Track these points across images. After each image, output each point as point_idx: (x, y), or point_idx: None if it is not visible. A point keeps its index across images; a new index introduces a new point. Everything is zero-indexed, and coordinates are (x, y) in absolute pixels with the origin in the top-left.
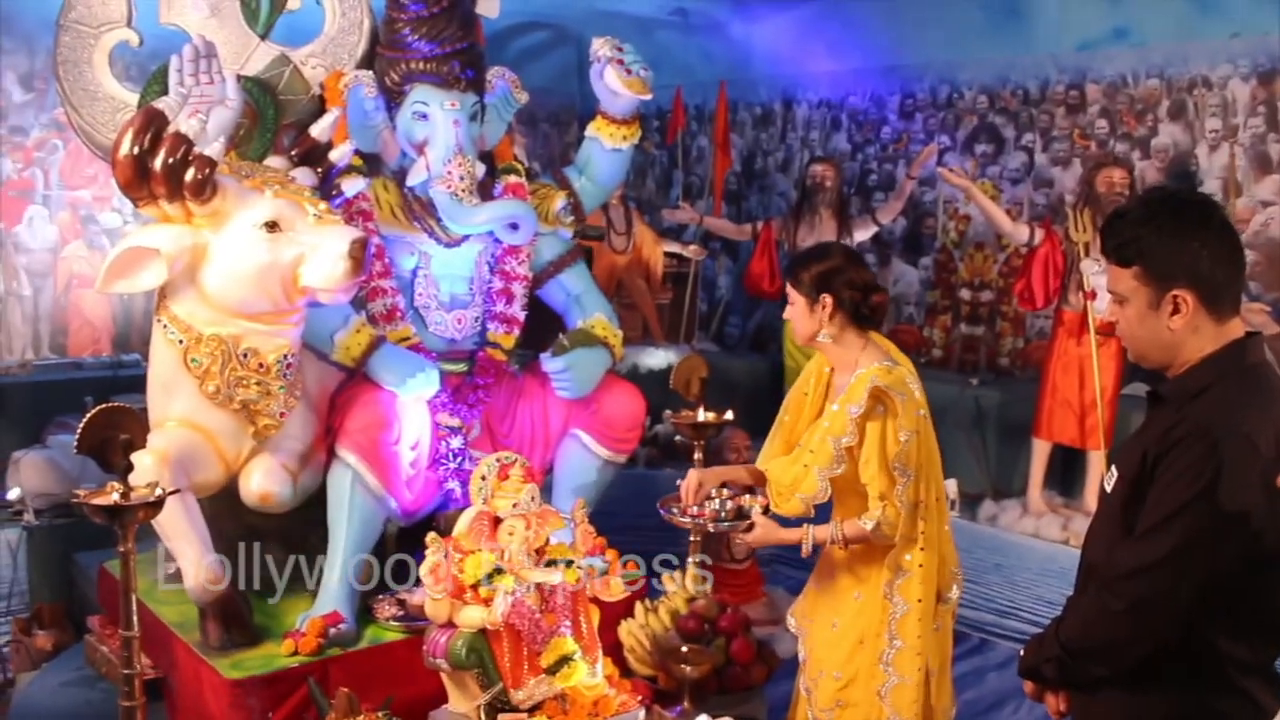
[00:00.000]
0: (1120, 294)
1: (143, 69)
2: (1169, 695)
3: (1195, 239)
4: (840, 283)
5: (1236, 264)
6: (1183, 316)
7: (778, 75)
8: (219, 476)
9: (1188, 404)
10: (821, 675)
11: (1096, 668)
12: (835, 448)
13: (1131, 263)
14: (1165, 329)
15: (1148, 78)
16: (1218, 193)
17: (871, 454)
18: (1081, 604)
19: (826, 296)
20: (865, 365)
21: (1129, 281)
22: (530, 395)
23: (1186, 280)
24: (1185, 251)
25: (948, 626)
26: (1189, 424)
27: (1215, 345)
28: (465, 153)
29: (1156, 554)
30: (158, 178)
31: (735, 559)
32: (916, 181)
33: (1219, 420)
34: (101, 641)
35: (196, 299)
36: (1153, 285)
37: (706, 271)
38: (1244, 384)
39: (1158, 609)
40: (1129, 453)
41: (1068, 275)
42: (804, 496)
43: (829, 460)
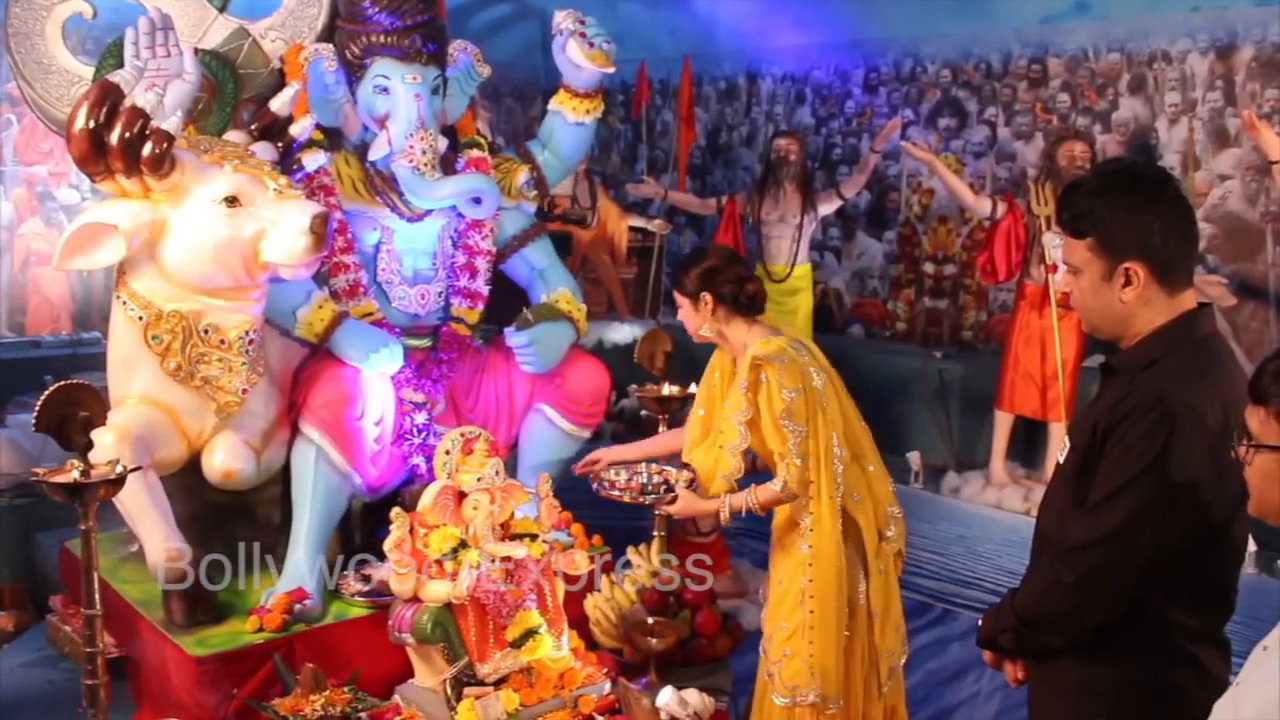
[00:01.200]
0: (1074, 265)
1: (98, 42)
2: (1121, 664)
3: (1148, 212)
4: (720, 280)
5: (1189, 238)
6: (1134, 289)
7: (742, 49)
8: (181, 454)
9: (1138, 375)
10: (776, 631)
11: (1050, 637)
12: (738, 424)
13: (1085, 234)
14: (1117, 301)
15: (1108, 52)
16: (1176, 166)
17: (765, 419)
18: (1034, 575)
19: (706, 295)
20: (751, 344)
21: (1083, 253)
22: (495, 370)
23: (1138, 253)
24: (1138, 225)
25: (890, 569)
26: (1138, 395)
27: (1167, 317)
28: (427, 127)
29: (1107, 526)
30: (114, 152)
31: (700, 532)
32: (880, 155)
33: (1168, 392)
34: (64, 621)
35: (156, 275)
36: (1105, 257)
37: (671, 246)
38: (1194, 356)
39: (1108, 580)
40: (1081, 425)
41: (1029, 249)
42: (725, 475)
43: (735, 437)
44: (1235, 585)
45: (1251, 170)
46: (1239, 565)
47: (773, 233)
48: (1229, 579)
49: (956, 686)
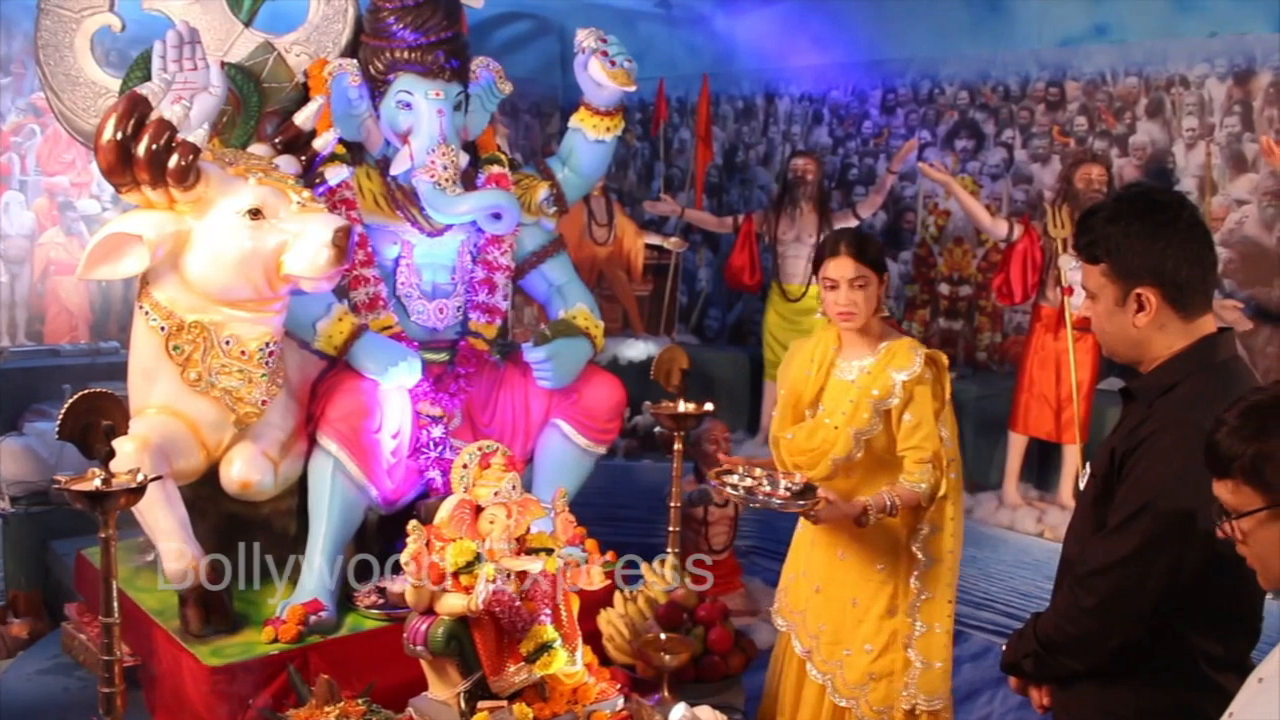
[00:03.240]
0: (1091, 290)
1: (124, 55)
2: (1142, 690)
3: (1161, 239)
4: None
5: (1204, 263)
6: (1146, 314)
7: (760, 69)
8: (200, 464)
9: (1157, 400)
10: (849, 654)
11: (1070, 662)
12: (875, 409)
13: (1099, 260)
14: (1131, 326)
15: (1126, 75)
16: (1193, 191)
17: (924, 416)
18: (1056, 600)
19: (886, 273)
20: (891, 338)
21: (1097, 278)
22: (511, 385)
23: (1150, 279)
24: (1150, 251)
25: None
26: (1156, 420)
27: (1185, 342)
28: (449, 142)
29: (1123, 550)
30: (141, 164)
31: (713, 550)
32: (897, 176)
33: (1186, 416)
34: (79, 629)
35: (179, 286)
36: (1118, 283)
37: (687, 264)
38: (1212, 380)
39: (1125, 604)
40: (1101, 451)
41: (1045, 271)
42: (836, 458)
43: (866, 422)
44: (1260, 611)
45: (1268, 195)
46: (1263, 592)
47: (789, 252)
48: (1253, 605)
49: (969, 708)
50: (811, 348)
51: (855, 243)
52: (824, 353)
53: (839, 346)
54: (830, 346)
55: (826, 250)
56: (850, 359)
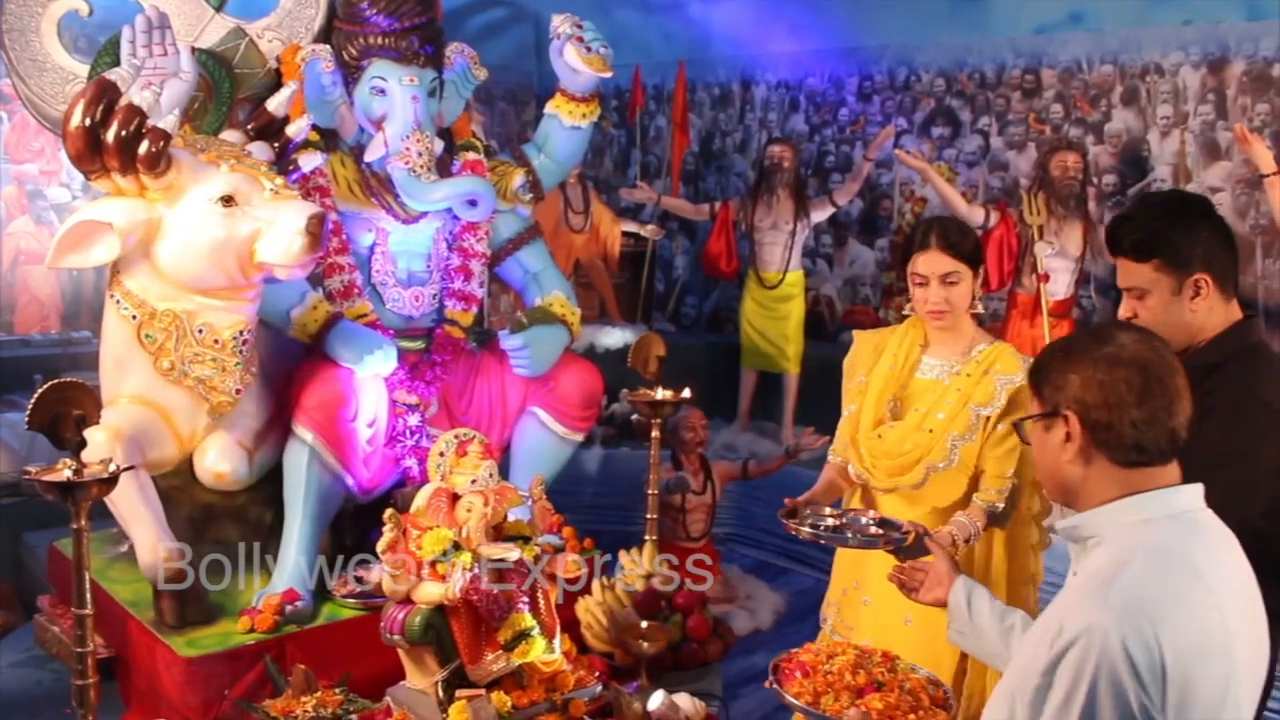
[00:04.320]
0: (1140, 287)
1: (93, 40)
2: None
3: (1203, 229)
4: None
5: (1235, 250)
6: (1204, 299)
7: (736, 56)
8: (173, 454)
9: (1207, 377)
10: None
11: None
12: (975, 416)
13: (1151, 256)
14: (1188, 312)
15: (1102, 63)
16: (1168, 179)
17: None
18: None
19: (982, 266)
20: (986, 339)
21: (1148, 274)
22: (488, 372)
23: (1202, 265)
24: (1198, 241)
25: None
26: (1224, 391)
27: (1224, 324)
28: (423, 129)
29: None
30: (110, 150)
31: (691, 537)
32: (873, 163)
33: (1250, 387)
34: (52, 621)
35: (150, 274)
36: (1173, 274)
37: (664, 251)
38: (1256, 359)
39: None
40: None
41: (1021, 258)
42: (932, 465)
43: (965, 428)
44: None
45: (1242, 183)
46: None
47: (765, 239)
48: None
49: None
50: (896, 343)
51: (947, 235)
52: (909, 350)
53: (925, 345)
54: (916, 344)
55: (916, 242)
56: (936, 358)
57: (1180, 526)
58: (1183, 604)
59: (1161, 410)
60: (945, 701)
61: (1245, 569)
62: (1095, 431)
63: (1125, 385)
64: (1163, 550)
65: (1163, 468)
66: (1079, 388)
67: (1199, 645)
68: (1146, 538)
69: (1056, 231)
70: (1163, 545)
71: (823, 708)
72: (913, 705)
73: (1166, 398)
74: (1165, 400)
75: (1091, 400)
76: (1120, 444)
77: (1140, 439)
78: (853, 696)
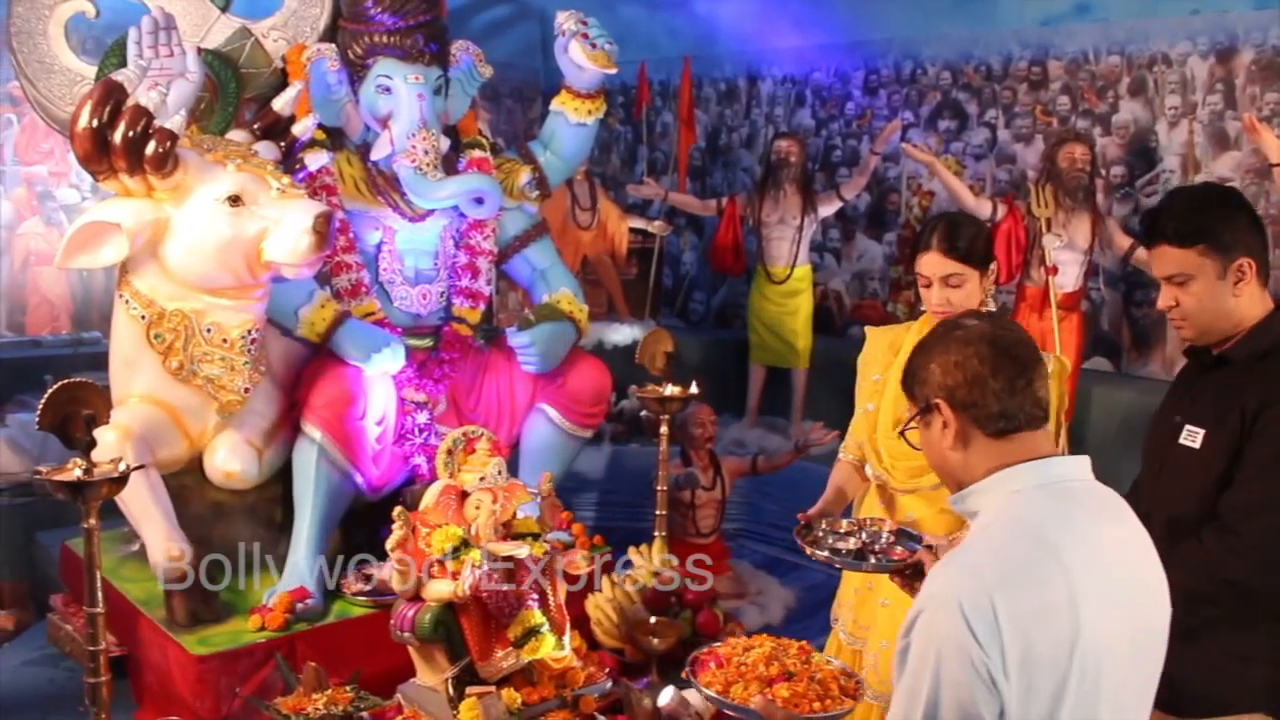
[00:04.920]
0: (1183, 274)
1: (100, 42)
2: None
3: (1241, 217)
4: (993, 246)
5: (1267, 239)
6: (1246, 283)
7: (742, 51)
8: (183, 453)
9: (1258, 365)
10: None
11: (1210, 610)
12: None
13: (1196, 242)
14: (1231, 297)
15: (1109, 54)
16: (1176, 169)
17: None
18: (1192, 551)
19: (993, 263)
20: None
21: (1193, 260)
22: (496, 370)
23: (1244, 250)
24: (1238, 228)
25: None
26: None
27: (1262, 312)
28: (429, 127)
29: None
30: (118, 151)
31: (701, 533)
32: (880, 157)
33: None
34: (65, 620)
35: (159, 274)
36: (1218, 258)
37: (671, 247)
38: None
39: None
40: (1218, 412)
41: (1029, 250)
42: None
43: None
44: None
45: (1251, 173)
46: None
47: (773, 234)
48: None
49: None
50: (911, 341)
51: (948, 236)
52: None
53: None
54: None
55: (920, 243)
56: None
57: (1045, 497)
58: (1024, 570)
59: (1017, 377)
60: (855, 691)
61: (1126, 537)
62: (965, 410)
63: (978, 360)
64: (1016, 520)
65: (1033, 433)
66: (940, 375)
67: (1038, 610)
68: (1010, 509)
69: (1064, 224)
70: (1019, 516)
71: (731, 696)
72: (820, 694)
73: (1019, 364)
74: (1018, 367)
75: (953, 382)
76: (988, 415)
77: (1004, 407)
78: (762, 686)
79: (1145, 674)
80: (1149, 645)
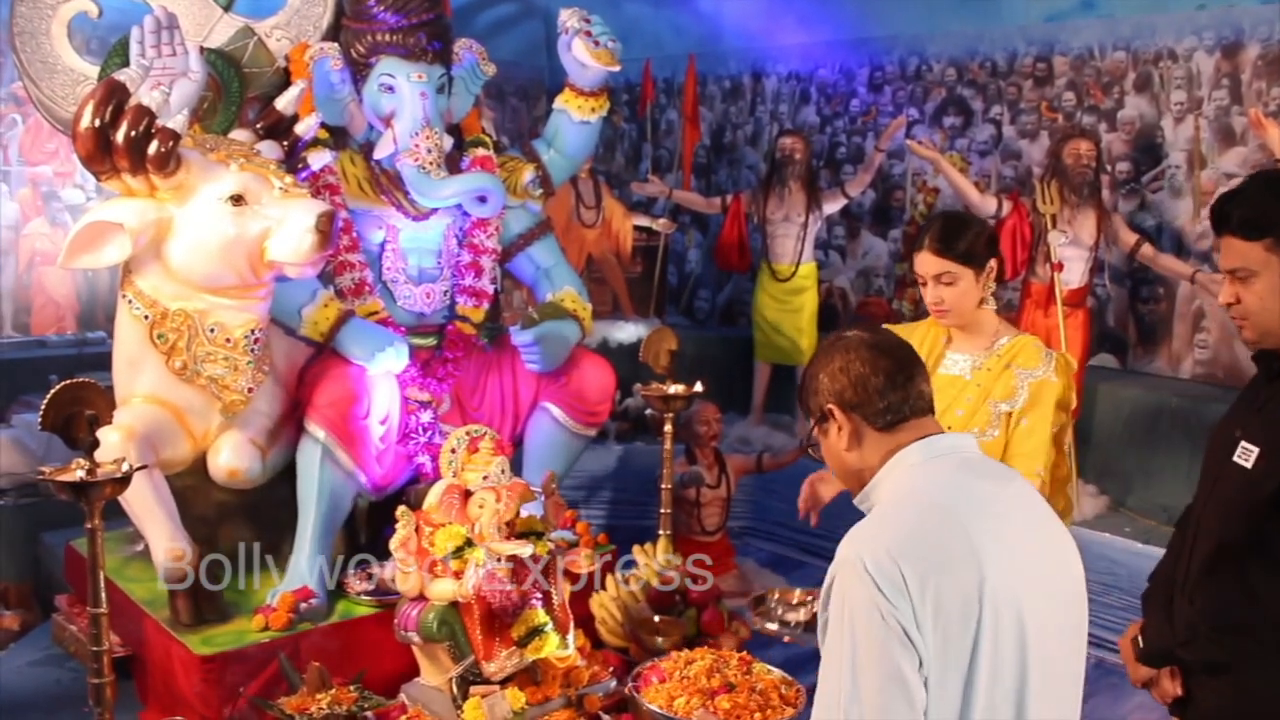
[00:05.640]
0: (1247, 268)
1: (103, 41)
2: None
3: None
4: (995, 244)
5: None
6: None
7: (747, 48)
8: (187, 453)
9: None
10: None
11: (1251, 643)
12: (995, 412)
13: (1263, 234)
14: None
15: (1114, 50)
16: (1182, 165)
17: (1040, 424)
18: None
19: (994, 261)
20: (1009, 333)
21: (1259, 254)
22: (500, 369)
23: None
24: None
25: None
26: None
27: None
28: (432, 125)
29: None
30: (120, 151)
31: (706, 531)
32: (885, 154)
33: None
34: (70, 620)
35: (162, 274)
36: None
37: (676, 245)
38: None
39: None
40: (1275, 428)
41: (1035, 247)
42: None
43: (986, 424)
44: None
45: (1257, 169)
46: None
47: (778, 232)
48: None
49: None
50: (919, 340)
51: (941, 236)
52: (933, 345)
53: (949, 339)
54: (940, 338)
55: (916, 242)
56: (960, 353)
57: (937, 466)
58: (920, 528)
59: (897, 373)
60: (796, 700)
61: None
62: (855, 410)
63: (860, 362)
64: (911, 488)
65: (921, 420)
66: (828, 382)
67: (940, 562)
68: (905, 481)
69: (1070, 220)
70: (913, 484)
71: (675, 709)
72: (761, 704)
73: (898, 362)
74: (897, 364)
75: (840, 386)
76: (875, 410)
77: (889, 401)
78: (704, 699)
79: (1070, 622)
80: (1065, 591)
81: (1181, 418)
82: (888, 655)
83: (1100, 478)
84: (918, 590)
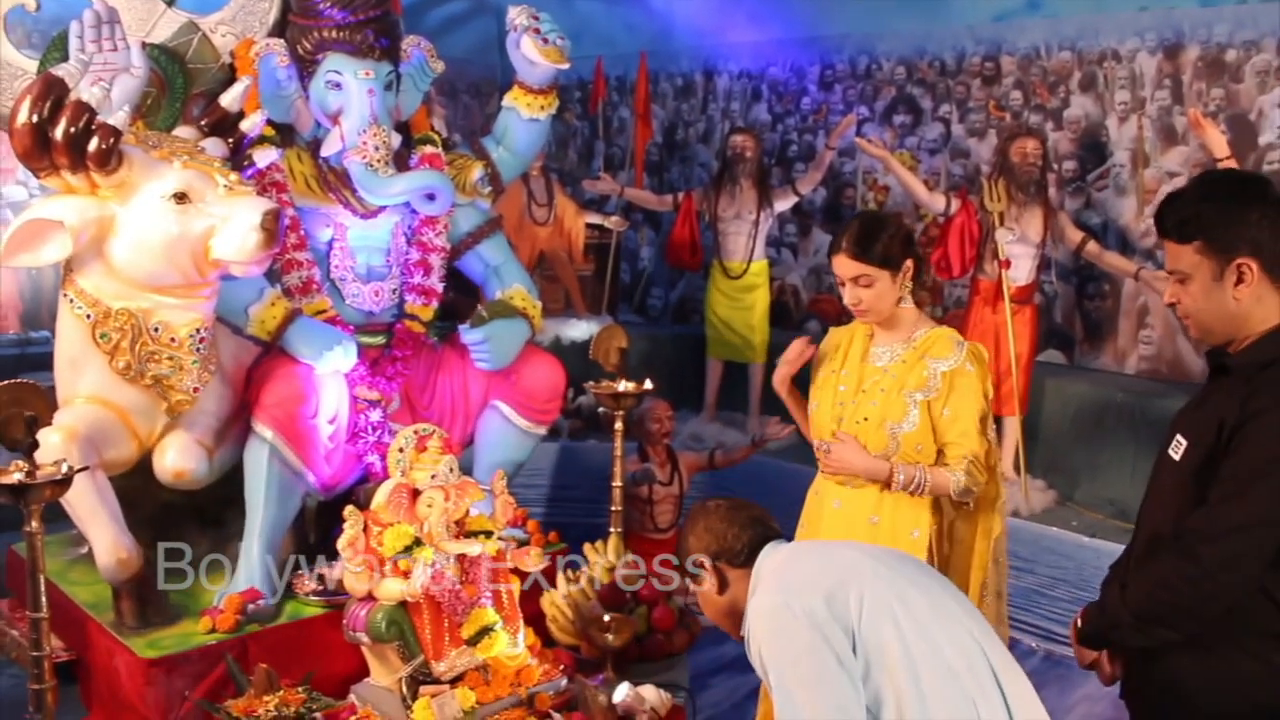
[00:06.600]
0: (1182, 271)
1: (43, 35)
2: (1239, 658)
3: (1254, 210)
4: (914, 247)
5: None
6: (1247, 285)
7: (699, 46)
8: (131, 454)
9: (1257, 375)
10: None
11: (1168, 632)
12: (911, 401)
13: (1193, 238)
14: (1230, 300)
15: (1060, 50)
16: (1127, 164)
17: (964, 411)
18: (1152, 570)
19: (910, 262)
20: (926, 326)
21: (1190, 257)
22: (450, 367)
23: (1248, 250)
24: (1245, 222)
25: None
26: (1268, 395)
27: (1276, 316)
28: (380, 123)
29: (1241, 516)
30: (59, 147)
31: (659, 528)
32: (836, 152)
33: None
34: (11, 625)
35: (104, 272)
36: (1215, 257)
37: (628, 243)
38: None
39: (1239, 569)
40: (1202, 423)
41: (983, 244)
42: (875, 454)
43: (901, 415)
44: None
45: (1199, 168)
46: None
47: (729, 229)
48: None
49: None
50: (851, 333)
51: (857, 240)
52: (860, 340)
53: (872, 333)
54: (864, 333)
55: (832, 245)
56: (882, 344)
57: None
58: (803, 560)
59: (746, 520)
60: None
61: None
62: (722, 560)
63: (715, 517)
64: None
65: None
66: (696, 543)
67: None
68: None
69: (1017, 218)
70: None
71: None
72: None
73: (743, 509)
74: (744, 513)
75: (717, 545)
76: (736, 555)
77: (739, 545)
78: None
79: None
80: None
81: (1127, 413)
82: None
83: (1048, 472)
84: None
